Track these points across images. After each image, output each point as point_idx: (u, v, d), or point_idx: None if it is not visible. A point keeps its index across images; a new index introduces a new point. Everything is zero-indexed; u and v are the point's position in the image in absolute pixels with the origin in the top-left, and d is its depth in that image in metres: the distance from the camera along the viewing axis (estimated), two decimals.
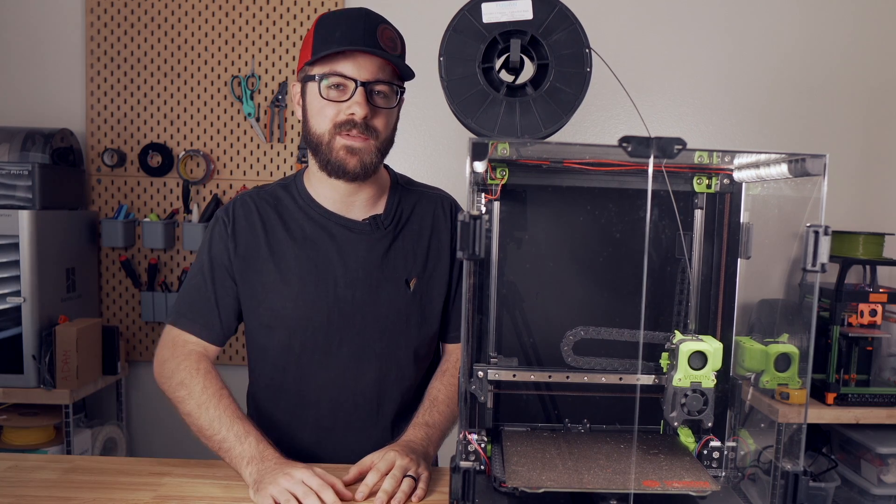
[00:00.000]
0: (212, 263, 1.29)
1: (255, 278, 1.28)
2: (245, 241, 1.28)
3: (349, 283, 1.28)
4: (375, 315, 1.29)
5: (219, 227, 1.30)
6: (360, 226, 1.29)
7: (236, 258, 1.28)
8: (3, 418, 2.29)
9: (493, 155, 1.03)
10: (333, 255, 1.28)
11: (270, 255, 1.28)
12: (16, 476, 1.18)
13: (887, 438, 2.18)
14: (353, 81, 1.18)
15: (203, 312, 1.29)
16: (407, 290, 1.31)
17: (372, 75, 1.19)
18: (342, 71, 1.17)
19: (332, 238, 1.29)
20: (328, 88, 1.19)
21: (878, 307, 2.17)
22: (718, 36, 2.62)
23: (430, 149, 2.65)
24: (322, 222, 1.29)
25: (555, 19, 1.00)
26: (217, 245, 1.29)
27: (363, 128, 1.20)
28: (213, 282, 1.29)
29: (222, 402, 1.20)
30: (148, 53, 2.59)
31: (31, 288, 2.20)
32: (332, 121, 1.20)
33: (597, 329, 1.17)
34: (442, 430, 1.28)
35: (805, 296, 1.05)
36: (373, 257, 1.29)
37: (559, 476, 1.00)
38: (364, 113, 1.18)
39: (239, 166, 2.64)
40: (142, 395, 2.71)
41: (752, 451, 1.13)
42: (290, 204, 1.31)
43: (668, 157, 0.91)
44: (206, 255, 1.30)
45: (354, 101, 1.18)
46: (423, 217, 1.35)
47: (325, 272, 1.27)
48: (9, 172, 2.25)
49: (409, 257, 1.32)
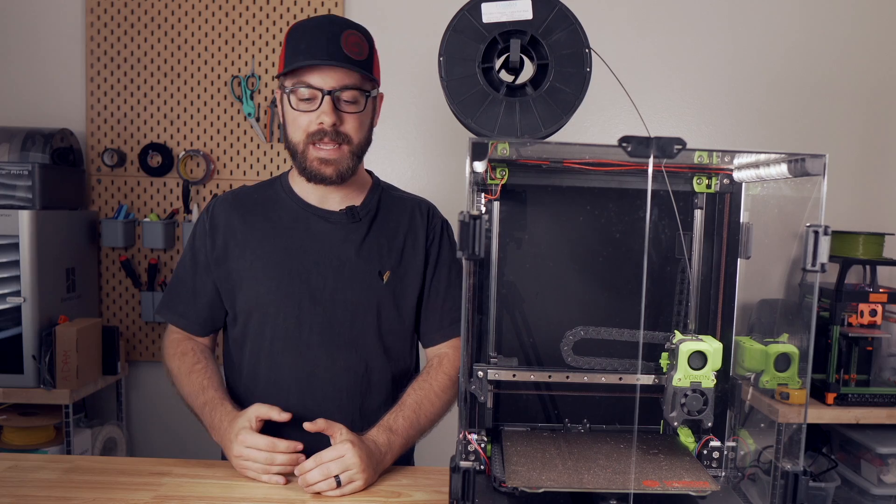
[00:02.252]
0: (194, 259, 1.37)
1: (232, 268, 1.34)
2: (223, 234, 1.35)
3: (322, 271, 1.31)
4: (346, 303, 1.31)
5: (200, 224, 1.38)
6: (336, 216, 1.34)
7: (213, 252, 1.35)
8: (3, 418, 2.29)
9: (492, 155, 1.03)
10: (308, 244, 1.32)
11: (247, 245, 1.33)
12: (16, 476, 1.18)
13: (887, 438, 2.18)
14: (319, 91, 1.23)
15: (183, 304, 1.39)
16: (380, 281, 1.33)
17: (338, 83, 1.23)
18: (309, 81, 1.23)
19: (307, 228, 1.33)
20: (298, 100, 1.24)
21: (878, 307, 2.17)
22: (718, 36, 2.62)
23: (430, 149, 2.65)
24: (299, 213, 1.35)
25: (555, 19, 1.00)
26: (198, 240, 1.38)
27: (334, 135, 1.24)
28: (193, 275, 1.37)
29: (191, 378, 1.32)
30: (148, 53, 2.59)
31: (31, 288, 2.20)
32: (304, 131, 1.26)
33: (597, 329, 1.17)
34: (405, 437, 1.26)
35: (805, 296, 1.05)
36: (347, 246, 1.33)
37: (559, 476, 1.00)
38: (332, 121, 1.23)
39: (239, 166, 2.64)
40: (142, 395, 2.71)
41: (752, 451, 1.13)
42: (271, 196, 1.38)
43: (668, 157, 0.91)
44: (189, 250, 1.39)
45: (322, 111, 1.23)
46: (400, 216, 1.39)
47: (298, 260, 1.32)
48: (9, 172, 2.25)
49: (384, 251, 1.35)
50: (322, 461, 1.15)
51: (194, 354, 1.36)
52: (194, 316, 1.39)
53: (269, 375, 1.33)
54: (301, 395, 1.31)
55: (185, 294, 1.38)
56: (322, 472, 1.14)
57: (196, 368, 1.34)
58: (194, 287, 1.37)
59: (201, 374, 1.33)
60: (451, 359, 1.36)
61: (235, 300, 1.35)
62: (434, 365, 1.36)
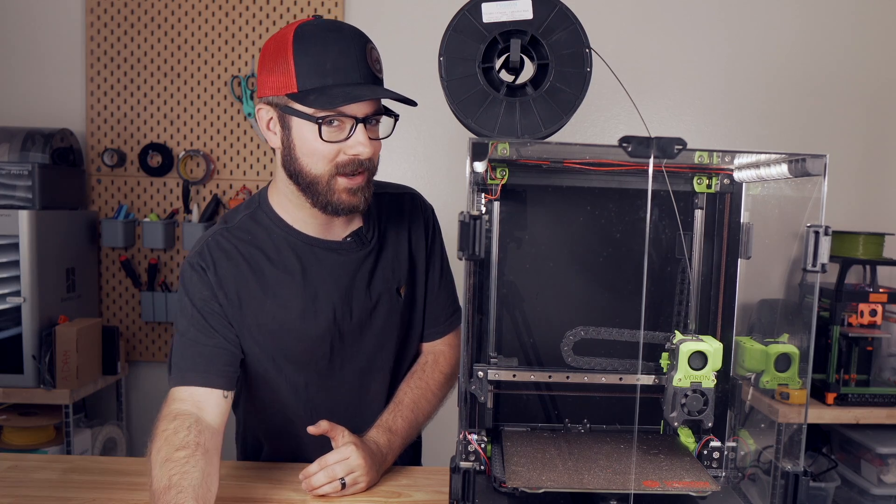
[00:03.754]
0: (202, 314, 1.16)
1: (252, 320, 1.18)
2: (234, 284, 1.17)
3: (346, 305, 1.23)
4: (374, 330, 1.27)
5: (197, 275, 1.17)
6: (344, 246, 1.23)
7: (228, 304, 1.17)
8: (3, 418, 2.29)
9: (493, 155, 1.03)
10: (327, 281, 1.22)
11: (264, 294, 1.18)
12: (16, 476, 1.18)
13: (887, 438, 2.18)
14: (351, 119, 1.09)
15: (209, 362, 1.14)
16: (399, 298, 1.29)
17: (371, 109, 1.11)
18: (343, 110, 1.07)
19: (320, 264, 1.22)
20: (328, 129, 1.08)
21: (878, 307, 2.17)
22: (718, 36, 2.62)
23: (430, 149, 2.65)
24: (306, 250, 1.21)
25: (555, 19, 1.00)
26: (200, 294, 1.16)
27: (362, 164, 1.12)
28: (210, 329, 1.16)
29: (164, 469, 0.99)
30: (148, 53, 2.59)
31: (31, 288, 2.20)
32: (330, 161, 1.10)
33: (597, 329, 1.17)
34: (404, 437, 1.25)
35: (805, 296, 1.05)
36: (363, 274, 1.25)
37: (559, 476, 1.00)
38: (370, 154, 1.11)
39: (239, 166, 2.64)
40: (142, 395, 2.71)
41: (752, 451, 1.13)
42: (266, 236, 1.21)
43: (668, 157, 0.91)
44: (191, 307, 1.16)
45: (357, 142, 1.09)
46: (400, 222, 1.31)
47: (322, 301, 1.21)
48: (9, 172, 2.25)
49: (397, 265, 1.29)
50: (327, 464, 1.14)
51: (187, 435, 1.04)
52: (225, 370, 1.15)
53: (305, 415, 1.25)
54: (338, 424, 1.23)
55: (208, 351, 1.14)
56: (327, 474, 1.13)
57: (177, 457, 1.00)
58: (214, 341, 1.15)
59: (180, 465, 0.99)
60: (447, 357, 1.35)
61: (259, 350, 1.20)
62: (430, 362, 1.34)
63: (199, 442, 1.04)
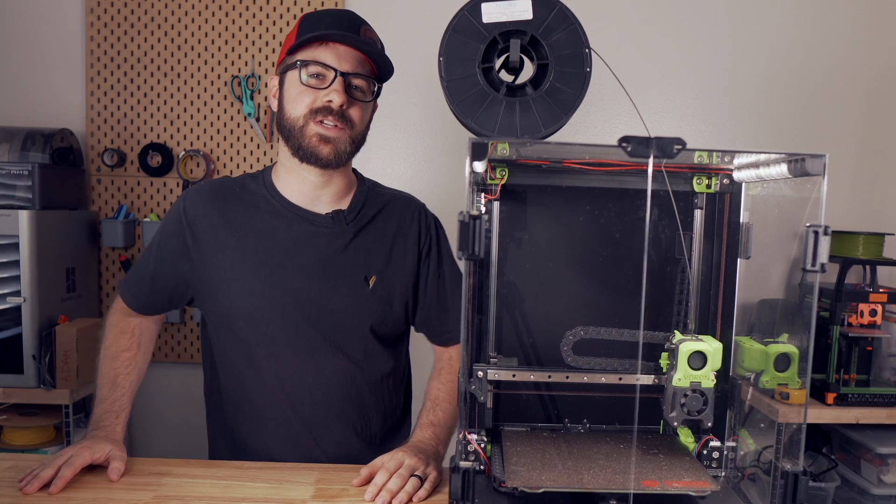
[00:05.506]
0: (161, 247, 1.34)
1: (213, 268, 1.29)
2: (203, 231, 1.30)
3: (305, 275, 1.28)
4: (331, 308, 1.28)
5: (174, 214, 1.33)
6: (321, 219, 1.30)
7: (190, 247, 1.30)
8: (3, 418, 2.29)
9: (492, 155, 1.03)
10: (291, 247, 1.28)
11: (227, 245, 1.29)
12: (16, 476, 1.17)
13: (887, 438, 2.18)
14: (332, 70, 1.21)
15: (140, 286, 1.37)
16: (366, 286, 1.30)
17: (352, 67, 1.22)
18: (323, 59, 1.20)
19: (291, 230, 1.29)
20: (308, 76, 1.21)
21: (878, 307, 2.17)
22: (718, 36, 2.62)
23: (430, 149, 2.65)
24: (284, 214, 1.30)
25: (555, 19, 1.00)
26: (170, 231, 1.33)
27: (339, 116, 1.22)
28: (157, 264, 1.34)
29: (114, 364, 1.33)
30: (148, 53, 2.59)
31: (31, 288, 2.20)
32: (308, 107, 1.22)
33: (597, 329, 1.17)
34: (448, 427, 1.29)
35: (805, 296, 1.05)
36: (331, 251, 1.29)
37: (559, 476, 1.00)
38: (341, 101, 1.21)
39: (239, 166, 2.64)
40: (142, 395, 2.70)
41: (751, 451, 1.13)
42: (253, 192, 1.32)
43: (668, 157, 0.91)
44: (158, 236, 1.35)
45: (333, 89, 1.21)
46: (389, 218, 1.35)
47: (281, 263, 1.27)
48: (9, 172, 2.25)
49: (371, 255, 1.31)
50: (389, 471, 1.12)
51: (131, 337, 1.36)
52: (148, 300, 1.38)
53: (254, 380, 1.30)
54: (288, 403, 1.30)
55: (144, 278, 1.36)
56: (398, 478, 1.10)
57: (123, 357, 1.34)
58: (154, 275, 1.34)
59: (125, 365, 1.33)
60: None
61: (214, 300, 1.31)
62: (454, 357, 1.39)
63: (140, 342, 1.38)
